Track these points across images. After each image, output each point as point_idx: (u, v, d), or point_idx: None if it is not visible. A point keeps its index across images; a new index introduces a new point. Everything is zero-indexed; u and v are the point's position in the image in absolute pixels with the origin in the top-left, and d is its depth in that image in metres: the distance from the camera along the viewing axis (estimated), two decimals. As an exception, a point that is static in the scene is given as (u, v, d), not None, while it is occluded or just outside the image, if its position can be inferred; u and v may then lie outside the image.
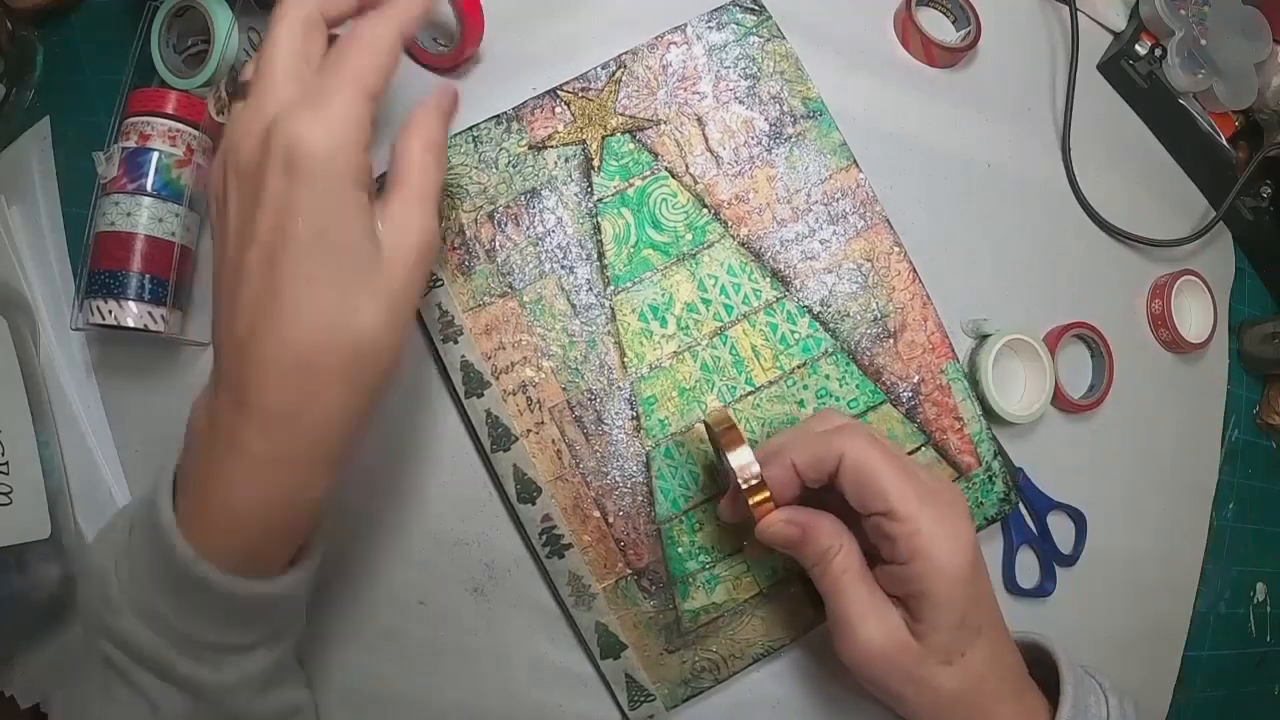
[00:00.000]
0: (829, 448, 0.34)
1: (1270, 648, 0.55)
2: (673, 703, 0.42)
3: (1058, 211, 0.50)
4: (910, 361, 0.43)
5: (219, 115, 0.43)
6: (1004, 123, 0.50)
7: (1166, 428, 0.52)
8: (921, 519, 0.33)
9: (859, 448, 0.33)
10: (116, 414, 0.46)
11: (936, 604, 0.33)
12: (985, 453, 0.44)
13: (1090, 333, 0.48)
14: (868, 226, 0.44)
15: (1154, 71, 0.51)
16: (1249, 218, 0.54)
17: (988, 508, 0.44)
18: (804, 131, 0.44)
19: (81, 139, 0.47)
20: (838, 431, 0.34)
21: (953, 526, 0.33)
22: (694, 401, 0.42)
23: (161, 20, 0.43)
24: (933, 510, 0.33)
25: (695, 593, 0.42)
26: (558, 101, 0.43)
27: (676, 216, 0.43)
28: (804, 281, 0.43)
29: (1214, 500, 0.53)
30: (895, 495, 0.33)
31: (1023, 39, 0.52)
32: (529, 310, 0.42)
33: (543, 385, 0.42)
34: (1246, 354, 0.55)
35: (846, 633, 0.35)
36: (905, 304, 0.43)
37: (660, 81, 0.44)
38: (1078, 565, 0.48)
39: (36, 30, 0.50)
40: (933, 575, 0.33)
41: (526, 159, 0.43)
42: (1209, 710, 0.52)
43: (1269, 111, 0.53)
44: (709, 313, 0.43)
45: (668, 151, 0.43)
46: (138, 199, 0.40)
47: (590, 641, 0.42)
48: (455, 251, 0.42)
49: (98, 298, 0.40)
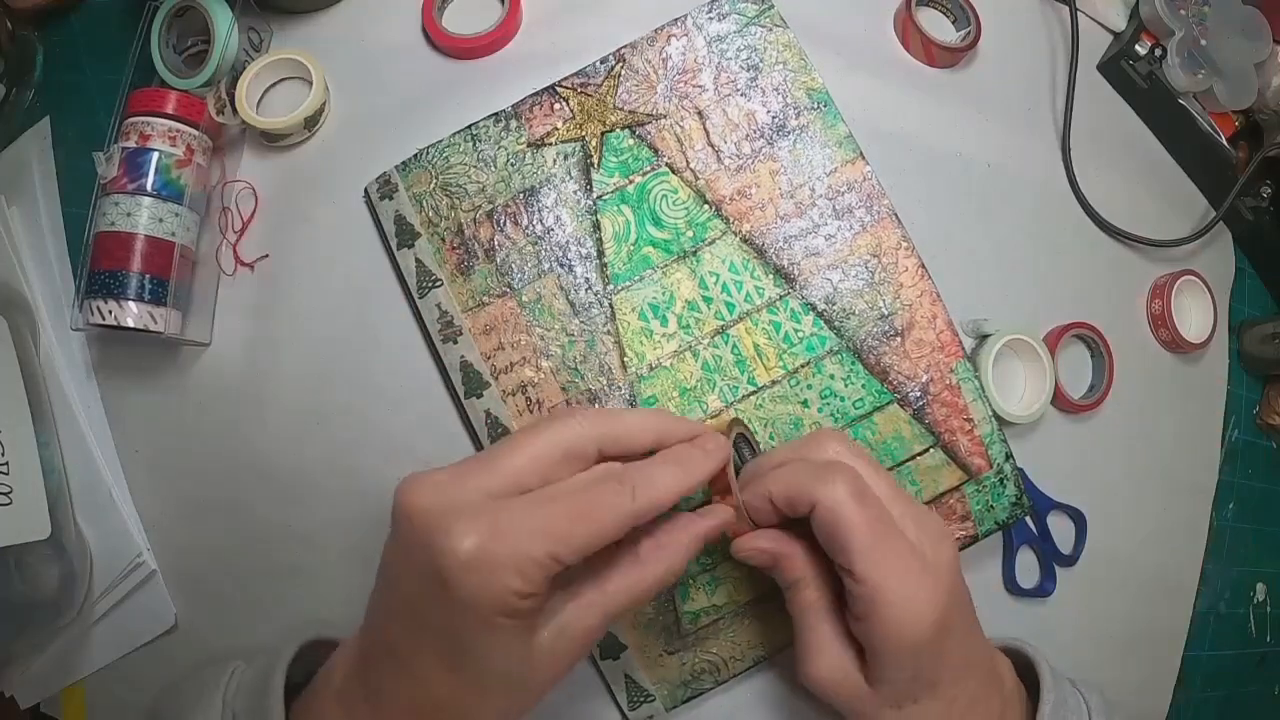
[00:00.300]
0: (805, 491, 0.32)
1: (1270, 648, 0.55)
2: (672, 703, 0.42)
3: (1058, 211, 0.50)
4: (919, 360, 0.43)
5: (219, 115, 0.43)
6: (1004, 123, 0.50)
7: (1166, 428, 0.52)
8: (883, 585, 0.31)
9: (834, 499, 0.32)
10: (116, 414, 0.46)
11: (886, 663, 0.32)
12: (997, 455, 0.43)
13: (1090, 333, 0.48)
14: (874, 221, 0.43)
15: (1154, 71, 0.51)
16: (1249, 218, 0.54)
17: (999, 511, 0.43)
18: (808, 123, 0.43)
19: (81, 139, 0.48)
20: (821, 472, 0.33)
21: (914, 594, 0.31)
22: (695, 402, 0.42)
23: (161, 20, 0.43)
24: (899, 576, 0.31)
25: (695, 594, 0.42)
26: (556, 98, 0.43)
27: (677, 213, 0.43)
28: (808, 278, 0.43)
29: (1214, 500, 0.53)
30: (859, 556, 0.31)
31: (1023, 39, 0.52)
32: (528, 310, 0.42)
33: (542, 385, 0.42)
34: (1246, 354, 0.55)
35: (801, 660, 0.36)
36: (913, 301, 0.43)
37: (660, 75, 0.43)
38: (1078, 565, 0.48)
39: (36, 30, 0.50)
40: (884, 638, 0.32)
41: (525, 157, 0.43)
42: (1209, 710, 0.52)
43: (1269, 111, 0.53)
44: (710, 311, 0.42)
45: (668, 147, 0.43)
46: (138, 199, 0.40)
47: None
48: (454, 251, 0.42)
49: (98, 298, 0.40)
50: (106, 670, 0.46)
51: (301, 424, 0.44)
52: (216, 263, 0.45)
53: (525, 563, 0.27)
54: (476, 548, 0.27)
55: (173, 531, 0.46)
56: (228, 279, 0.45)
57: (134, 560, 0.44)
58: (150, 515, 0.46)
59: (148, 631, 0.45)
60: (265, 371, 0.45)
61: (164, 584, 0.45)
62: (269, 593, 0.45)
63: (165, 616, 0.45)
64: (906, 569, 0.32)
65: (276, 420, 0.44)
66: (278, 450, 0.44)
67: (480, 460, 0.30)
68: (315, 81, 0.44)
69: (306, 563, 0.44)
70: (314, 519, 0.44)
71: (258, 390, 0.45)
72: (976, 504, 0.43)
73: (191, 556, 0.45)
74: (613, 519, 0.29)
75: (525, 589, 0.27)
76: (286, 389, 0.44)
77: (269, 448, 0.44)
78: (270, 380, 0.45)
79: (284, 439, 0.44)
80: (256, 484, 0.44)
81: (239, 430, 0.45)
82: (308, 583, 0.44)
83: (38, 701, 0.46)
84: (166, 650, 0.45)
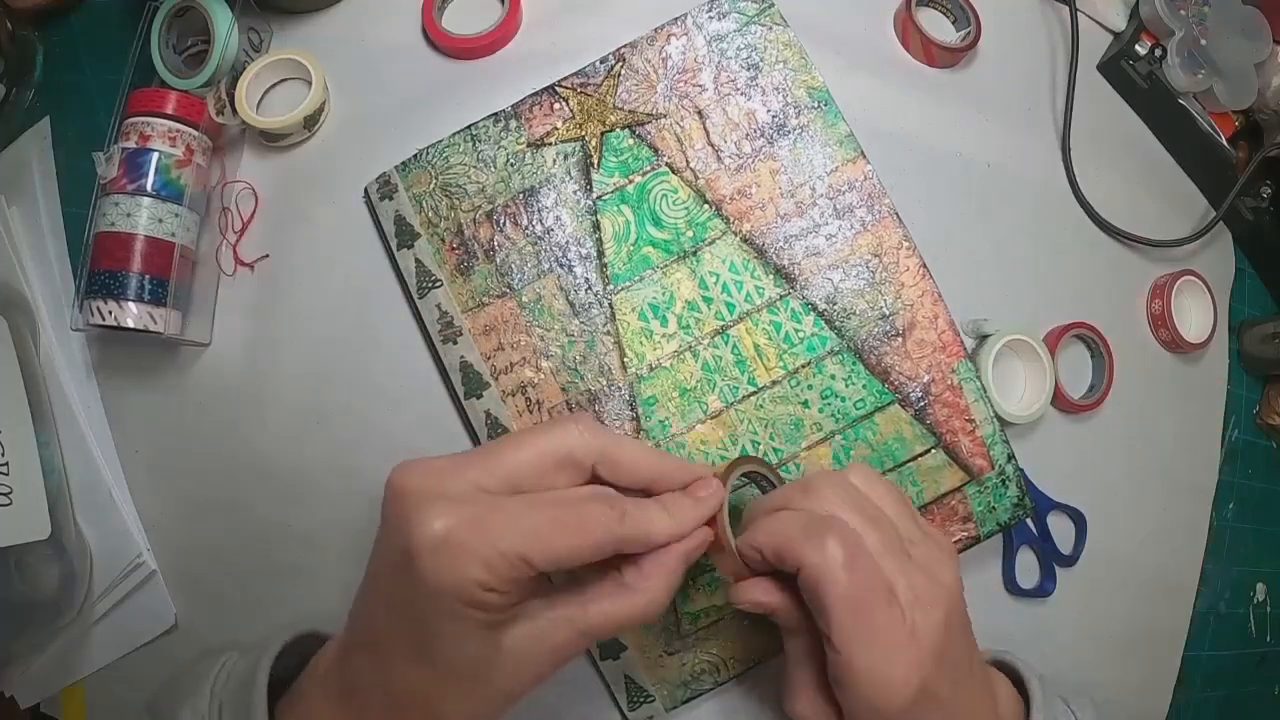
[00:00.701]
0: (792, 552, 0.32)
1: (1270, 648, 0.55)
2: (672, 704, 0.42)
3: (1058, 211, 0.50)
4: (920, 361, 0.43)
5: (219, 115, 0.43)
6: (1004, 123, 0.50)
7: (1166, 428, 0.52)
8: (857, 660, 0.30)
9: (819, 566, 0.31)
10: (116, 414, 0.46)
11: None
12: (998, 455, 0.43)
13: (1090, 333, 0.48)
14: (875, 220, 0.43)
15: (1154, 71, 0.51)
16: (1249, 218, 0.54)
17: (1000, 513, 0.43)
18: (808, 122, 0.43)
19: (81, 139, 0.48)
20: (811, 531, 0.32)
21: (892, 667, 0.31)
22: (695, 402, 0.42)
23: (161, 20, 0.43)
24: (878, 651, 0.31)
25: (696, 595, 0.42)
26: (556, 98, 0.43)
27: (677, 213, 0.43)
28: (808, 278, 0.43)
29: (1214, 500, 0.53)
30: (836, 630, 0.31)
31: (1023, 39, 0.52)
32: (528, 310, 0.42)
33: (542, 386, 0.42)
34: (1246, 354, 0.55)
35: (785, 694, 0.36)
36: (914, 301, 0.43)
37: (660, 75, 0.43)
38: (1078, 565, 0.48)
39: (36, 30, 0.50)
40: (857, 706, 0.31)
41: (525, 157, 0.43)
42: (1209, 710, 0.52)
43: (1269, 111, 0.53)
44: (710, 311, 0.42)
45: (668, 146, 0.43)
46: (137, 199, 0.40)
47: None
48: (454, 252, 0.42)
49: (98, 298, 0.40)
50: (106, 670, 0.46)
51: (301, 424, 0.44)
52: (216, 263, 0.45)
53: (493, 556, 0.27)
54: (446, 530, 0.27)
55: (173, 531, 0.46)
56: (228, 279, 0.45)
57: (134, 560, 0.44)
58: (150, 515, 0.46)
59: (148, 631, 0.45)
60: (265, 371, 0.45)
61: (164, 584, 0.45)
62: (269, 593, 0.45)
63: (165, 616, 0.45)
64: (886, 642, 0.31)
65: (276, 420, 0.44)
66: (278, 450, 0.44)
67: (479, 454, 0.30)
68: (315, 81, 0.44)
69: (306, 563, 0.44)
70: (314, 519, 0.44)
71: (258, 390, 0.45)
72: (978, 505, 0.43)
73: (191, 556, 0.45)
74: (595, 537, 0.28)
75: (489, 581, 0.27)
76: (286, 389, 0.44)
77: (269, 448, 0.44)
78: (270, 380, 0.45)
79: (284, 439, 0.44)
80: (256, 484, 0.44)
81: (239, 430, 0.45)
82: (308, 583, 0.44)
83: (38, 701, 0.46)
84: (166, 650, 0.45)
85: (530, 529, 0.28)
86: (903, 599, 0.31)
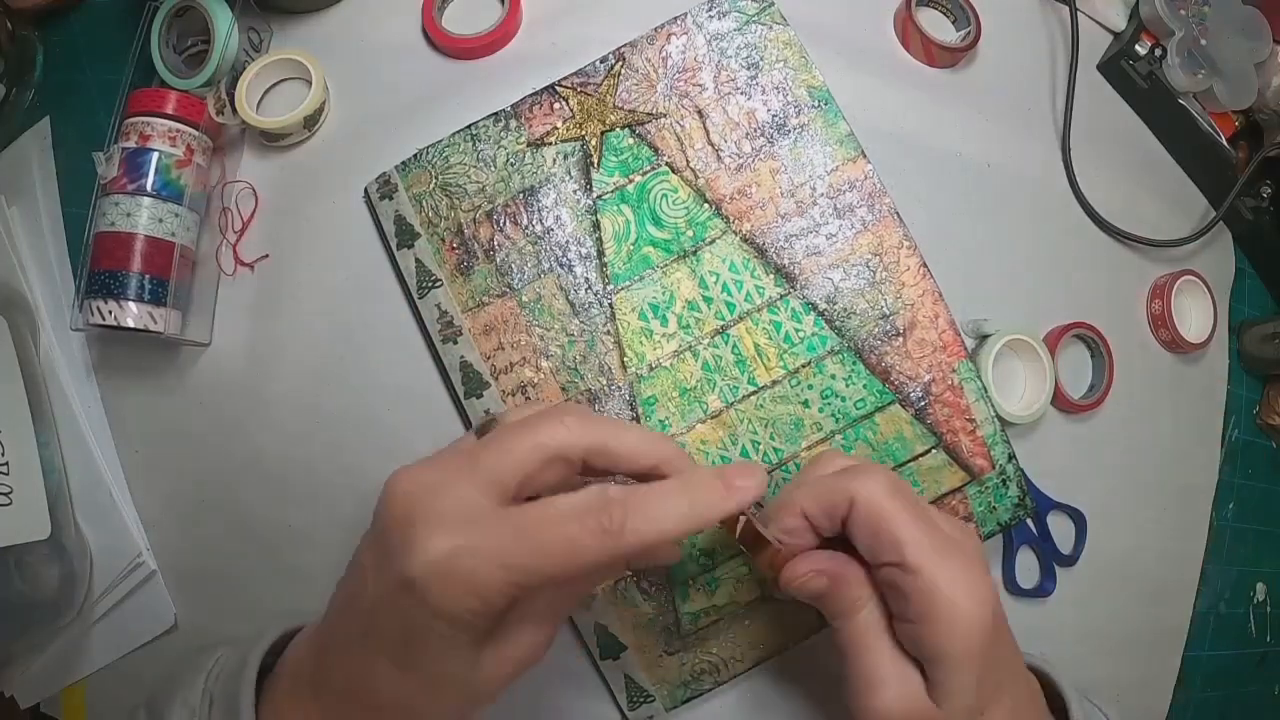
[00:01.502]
0: (839, 491, 0.31)
1: (1270, 648, 0.55)
2: (672, 704, 0.42)
3: (1058, 211, 0.50)
4: (920, 360, 0.42)
5: (219, 115, 0.43)
6: (1004, 123, 0.50)
7: (1166, 428, 0.52)
8: (938, 574, 0.29)
9: (871, 491, 0.30)
10: (116, 414, 0.46)
11: (952, 668, 0.30)
12: (999, 455, 0.43)
13: (1090, 333, 0.48)
14: (876, 220, 0.43)
15: (1154, 71, 0.51)
16: (1249, 218, 0.54)
17: (1001, 513, 0.43)
18: (808, 122, 0.43)
19: (81, 139, 0.48)
20: (847, 473, 0.32)
21: (971, 582, 0.30)
22: (695, 402, 0.42)
23: (161, 20, 0.43)
24: (950, 563, 0.30)
25: (695, 595, 0.42)
26: (556, 97, 0.43)
27: (677, 212, 0.43)
28: (809, 278, 0.43)
29: (1214, 500, 0.53)
30: (909, 545, 0.30)
31: (1023, 39, 0.52)
32: (528, 310, 0.42)
33: (542, 386, 0.42)
34: (1246, 354, 0.55)
35: (865, 694, 0.31)
36: (915, 300, 0.43)
37: (660, 74, 0.43)
38: (1078, 565, 0.48)
39: (36, 30, 0.50)
40: (948, 637, 0.29)
41: (525, 156, 0.43)
42: (1209, 710, 0.52)
43: (1269, 111, 0.53)
44: (710, 311, 0.42)
45: (668, 146, 0.43)
46: (137, 199, 0.40)
47: (590, 642, 0.42)
48: (454, 251, 0.42)
49: (98, 298, 0.40)
50: (106, 670, 0.46)
51: (301, 424, 0.44)
52: (216, 263, 0.45)
53: (486, 588, 0.27)
54: (445, 557, 0.27)
55: (173, 531, 0.46)
56: (228, 279, 0.45)
57: (134, 560, 0.45)
58: (150, 515, 0.46)
59: (148, 631, 0.45)
60: (265, 371, 0.45)
61: (164, 584, 0.45)
62: (269, 593, 0.45)
63: (165, 616, 0.45)
64: (955, 556, 0.30)
65: (277, 420, 0.44)
66: (278, 450, 0.44)
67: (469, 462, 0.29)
68: (315, 81, 0.44)
69: (306, 562, 0.44)
70: (314, 519, 0.44)
71: (258, 390, 0.45)
72: (979, 505, 0.43)
73: (191, 556, 0.45)
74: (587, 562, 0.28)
75: (481, 609, 0.27)
76: (286, 389, 0.44)
77: (269, 447, 0.44)
78: (270, 380, 0.45)
79: (284, 439, 0.44)
80: (256, 484, 0.44)
81: (239, 430, 0.45)
82: (307, 583, 0.44)
83: (38, 701, 0.46)
84: (166, 650, 0.45)
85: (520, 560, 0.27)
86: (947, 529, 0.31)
